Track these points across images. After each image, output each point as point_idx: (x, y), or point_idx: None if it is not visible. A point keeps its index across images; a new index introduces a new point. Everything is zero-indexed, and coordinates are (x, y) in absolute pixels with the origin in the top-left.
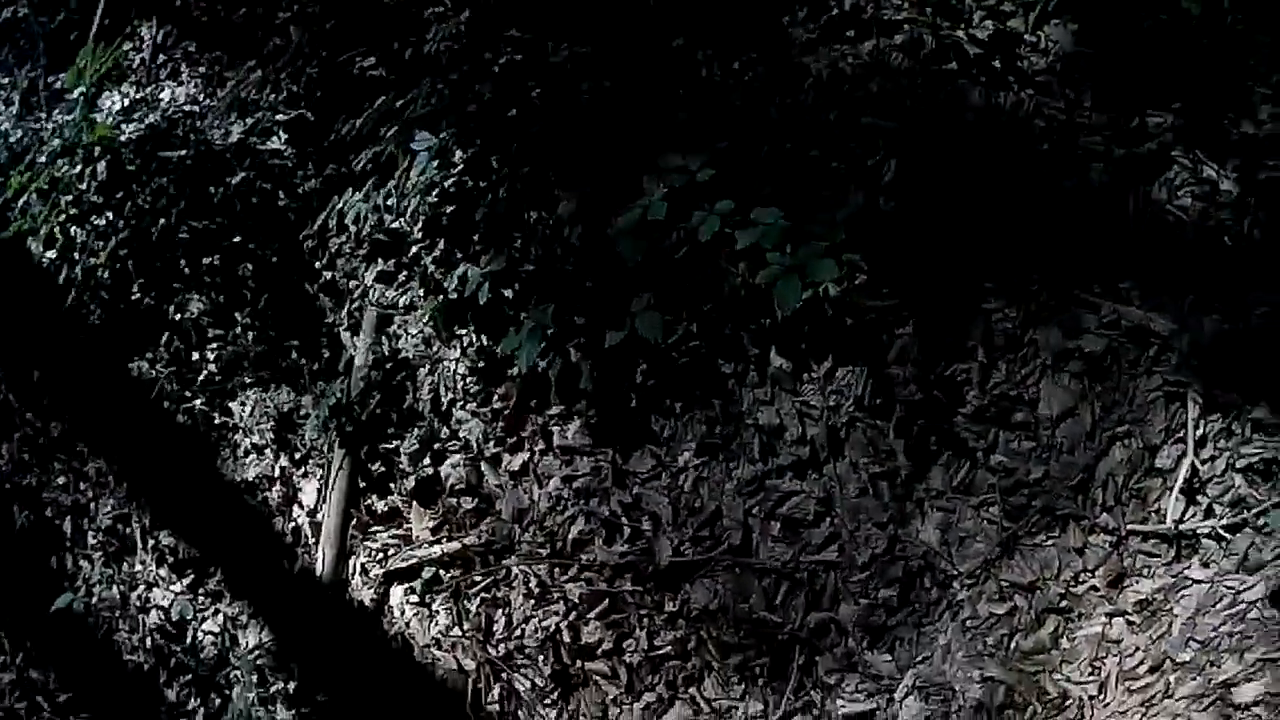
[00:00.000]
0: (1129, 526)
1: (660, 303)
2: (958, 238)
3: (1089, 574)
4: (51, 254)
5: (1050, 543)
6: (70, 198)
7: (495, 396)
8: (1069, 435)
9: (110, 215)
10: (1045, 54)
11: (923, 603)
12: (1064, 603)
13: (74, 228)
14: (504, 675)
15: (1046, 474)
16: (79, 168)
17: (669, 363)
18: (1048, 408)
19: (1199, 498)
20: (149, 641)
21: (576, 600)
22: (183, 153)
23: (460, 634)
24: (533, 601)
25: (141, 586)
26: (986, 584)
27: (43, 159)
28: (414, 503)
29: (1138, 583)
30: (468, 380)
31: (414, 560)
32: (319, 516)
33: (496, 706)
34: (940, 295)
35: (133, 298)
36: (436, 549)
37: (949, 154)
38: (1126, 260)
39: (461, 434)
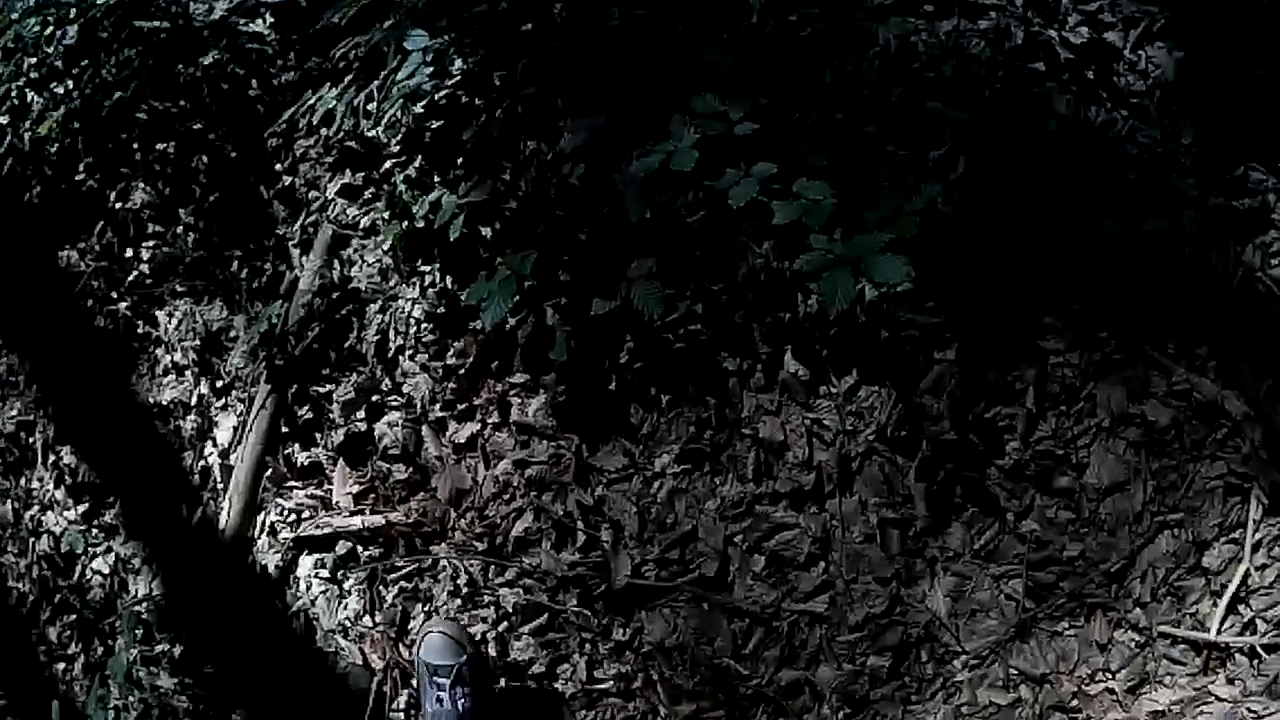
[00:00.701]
0: (1160, 628)
1: (664, 272)
2: (1023, 260)
3: (1108, 674)
4: (2, 119)
5: (1072, 632)
6: (34, 60)
7: (451, 351)
8: (1114, 513)
9: (70, 84)
10: (1144, 76)
11: (915, 678)
12: (1074, 702)
13: (31, 93)
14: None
15: (1082, 553)
16: (50, 29)
17: (662, 345)
18: (1096, 477)
19: (1241, 608)
20: (35, 571)
21: (509, 609)
22: (158, 24)
23: (371, 625)
24: (459, 602)
25: (36, 506)
26: (992, 667)
27: (14, 15)
28: (340, 461)
29: (1156, 691)
30: (422, 327)
31: (329, 530)
32: (232, 459)
33: (401, 716)
34: (993, 323)
35: (76, 178)
36: (357, 520)
37: (1025, 161)
38: (1206, 324)
39: (406, 389)
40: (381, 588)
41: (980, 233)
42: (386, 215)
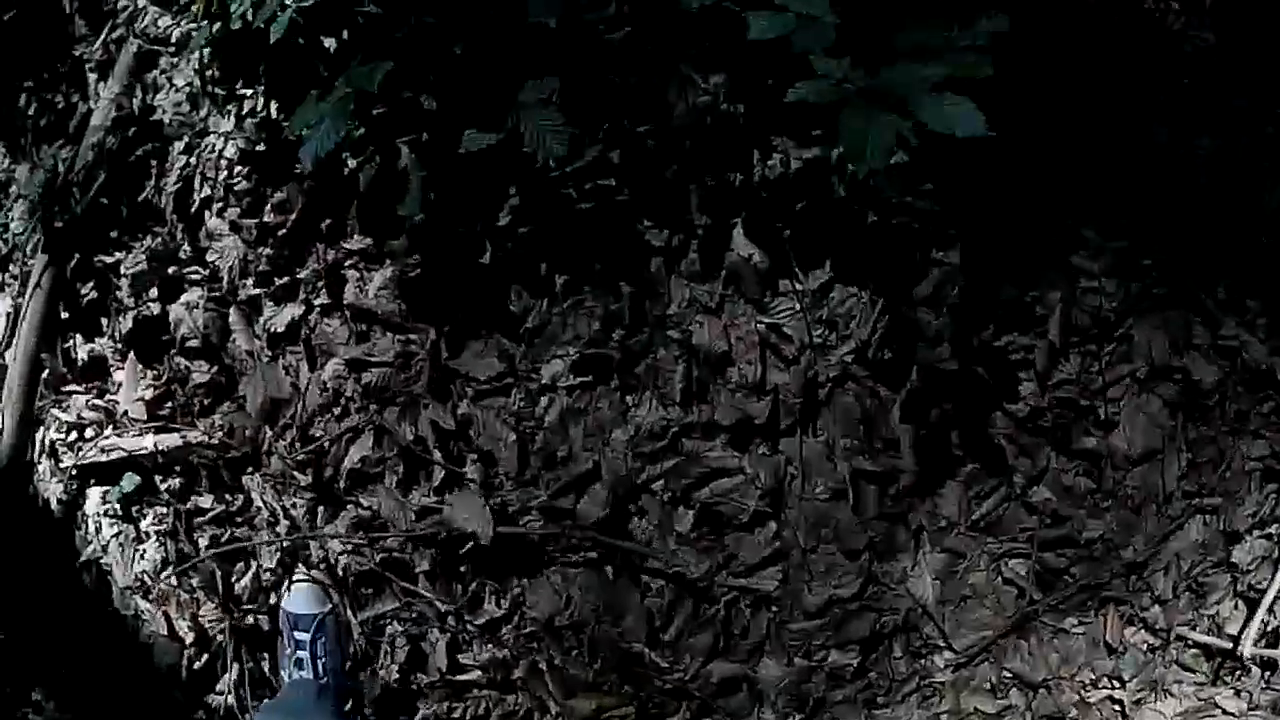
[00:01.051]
0: (1178, 629)
1: (569, 103)
2: (1055, 152)
3: (1115, 682)
4: None
5: (1080, 630)
6: None
7: (269, 206)
8: (1143, 487)
9: None
10: None
11: (886, 677)
12: (1073, 713)
13: None
14: (244, 653)
15: (1102, 536)
16: None
17: (561, 204)
18: (1126, 440)
19: (1265, 615)
20: None
21: (342, 572)
22: None
23: (176, 584)
24: (279, 556)
25: None
26: (981, 668)
27: None
28: (130, 356)
29: (1162, 700)
30: (236, 171)
31: (117, 453)
32: (7, 357)
33: (231, 699)
34: (1012, 223)
35: None
36: (147, 441)
37: (1059, 29)
38: (1261, 273)
39: (210, 257)
40: (190, 534)
41: (1003, 107)
42: (200, 18)
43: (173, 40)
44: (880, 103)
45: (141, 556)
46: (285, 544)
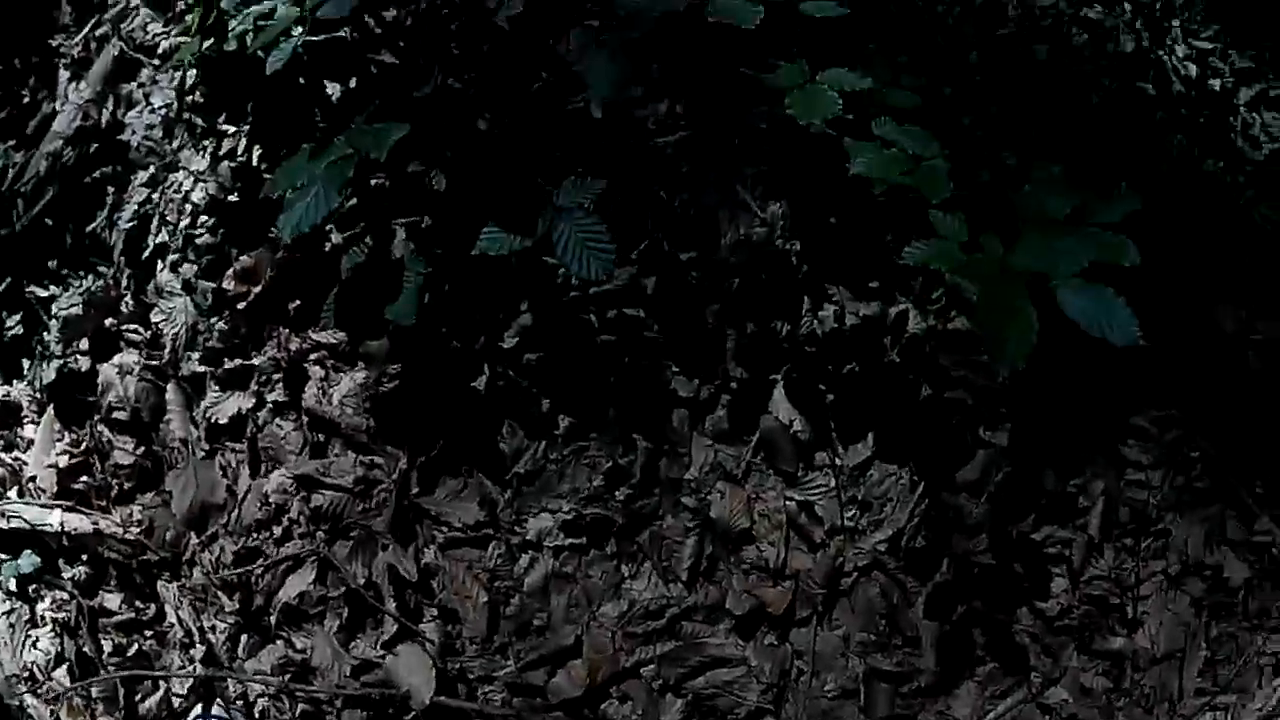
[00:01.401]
0: None
1: (614, 203)
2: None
3: None
4: None
5: None
6: None
7: (233, 270)
8: (1158, 686)
9: None
10: (1256, 144)
11: None
12: None
13: None
14: None
15: None
16: None
17: (579, 331)
18: (1151, 640)
19: None
20: None
21: (259, 715)
22: None
23: (69, 683)
24: (192, 686)
25: None
26: None
27: None
28: (49, 411)
29: None
30: (200, 222)
31: (18, 523)
32: None
33: None
34: (1063, 404)
35: None
36: (54, 518)
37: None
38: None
39: (155, 316)
40: (93, 635)
41: None
42: (193, 31)
43: (159, 51)
44: (1017, 284)
45: (34, 645)
46: (200, 674)
